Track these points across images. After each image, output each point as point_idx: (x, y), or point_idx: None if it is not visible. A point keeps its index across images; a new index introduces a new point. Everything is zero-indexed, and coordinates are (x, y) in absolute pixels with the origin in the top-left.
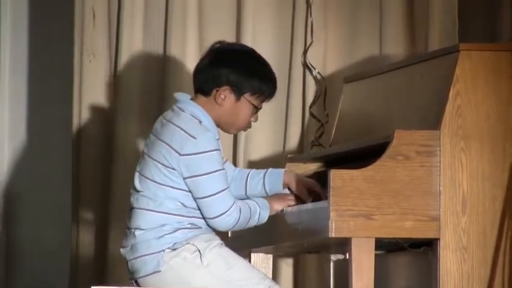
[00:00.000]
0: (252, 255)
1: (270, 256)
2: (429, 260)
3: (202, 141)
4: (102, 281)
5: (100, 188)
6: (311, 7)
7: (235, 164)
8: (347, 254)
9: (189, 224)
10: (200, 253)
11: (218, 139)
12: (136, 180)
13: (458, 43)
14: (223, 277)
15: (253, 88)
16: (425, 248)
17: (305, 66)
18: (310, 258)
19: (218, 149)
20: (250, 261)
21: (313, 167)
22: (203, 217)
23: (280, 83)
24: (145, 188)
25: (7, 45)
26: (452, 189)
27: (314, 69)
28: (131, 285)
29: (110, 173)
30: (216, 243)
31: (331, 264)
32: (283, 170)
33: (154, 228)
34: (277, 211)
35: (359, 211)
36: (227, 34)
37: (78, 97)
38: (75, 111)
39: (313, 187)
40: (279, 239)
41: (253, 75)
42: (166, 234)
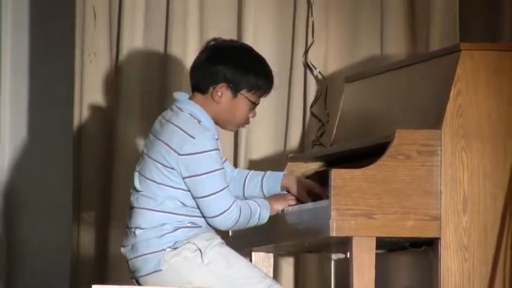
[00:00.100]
0: (253, 254)
1: (271, 255)
2: (430, 259)
3: (201, 140)
4: (103, 280)
5: (101, 188)
6: (312, 7)
7: (235, 164)
8: (348, 253)
9: (190, 223)
10: (201, 252)
11: (217, 139)
12: (136, 180)
13: (459, 43)
14: (224, 276)
15: (249, 84)
16: (426, 247)
17: (306, 66)
18: (311, 257)
19: (217, 149)
20: (251, 260)
21: (314, 167)
22: (203, 216)
23: (281, 83)
24: (145, 188)
25: (8, 45)
26: (453, 188)
27: (315, 68)
28: (132, 284)
29: (111, 173)
30: (217, 242)
31: (332, 263)
32: (281, 174)
33: (154, 227)
34: (277, 211)
35: (360, 210)
36: (228, 33)
37: (79, 97)
38: (76, 110)
39: (313, 188)
40: (280, 238)
41: (249, 71)
42: (167, 233)
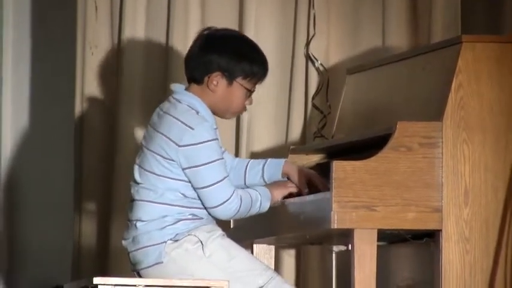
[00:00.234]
0: (254, 246)
1: (272, 247)
2: (431, 252)
3: (200, 131)
4: (104, 273)
5: (102, 180)
6: None
7: (237, 156)
8: (349, 245)
9: (190, 215)
10: (202, 244)
11: (216, 128)
12: (136, 172)
13: (460, 35)
14: (225, 268)
15: (244, 71)
16: (427, 240)
17: (307, 57)
18: (312, 249)
19: (216, 139)
20: (252, 252)
21: (315, 159)
22: (204, 207)
23: (282, 75)
24: (145, 180)
25: (10, 38)
26: (454, 180)
27: (316, 60)
28: (133, 276)
29: (112, 165)
30: (218, 234)
31: (333, 255)
32: (283, 160)
33: (155, 219)
34: (278, 199)
35: (361, 202)
36: (229, 26)
37: (80, 90)
38: (77, 103)
39: (313, 178)
40: (281, 230)
41: (243, 58)
42: (168, 225)
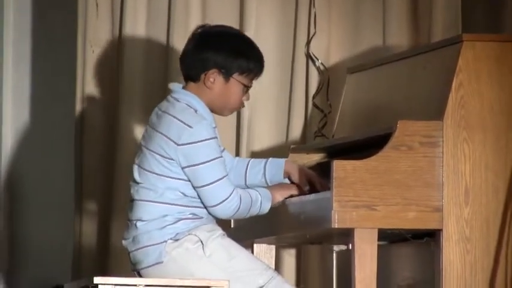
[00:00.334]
0: (255, 245)
1: (273, 247)
2: (432, 251)
3: (198, 130)
4: (105, 272)
5: (103, 180)
6: None
7: (237, 155)
8: (350, 245)
9: (191, 214)
10: (202, 244)
11: (215, 127)
12: (135, 172)
13: (461, 34)
14: (225, 268)
15: (241, 67)
16: (428, 239)
17: (308, 57)
18: (313, 248)
19: (215, 137)
20: (252, 251)
21: (316, 158)
22: (204, 206)
23: (283, 74)
24: (145, 180)
25: (10, 37)
26: (455, 180)
27: (317, 59)
28: (134, 276)
29: (113, 164)
30: (219, 233)
31: (333, 254)
32: (284, 160)
33: (156, 219)
34: (279, 202)
35: (362, 202)
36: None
37: (81, 89)
38: (78, 102)
39: (312, 179)
40: (282, 230)
41: (239, 54)
42: (168, 225)
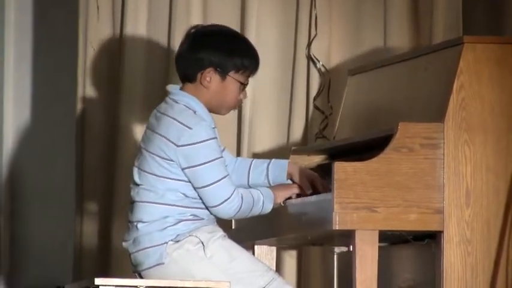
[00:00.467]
0: (256, 247)
1: (274, 248)
2: (433, 253)
3: (198, 131)
4: (106, 273)
5: (104, 180)
6: None
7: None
8: (351, 246)
9: (191, 216)
10: (203, 245)
11: (214, 127)
12: (135, 174)
13: (462, 35)
14: (226, 269)
15: (236, 65)
16: (429, 241)
17: (309, 58)
18: (314, 250)
19: (215, 137)
20: (253, 253)
21: (317, 159)
22: (205, 206)
23: (284, 76)
24: (145, 182)
25: (11, 37)
26: (456, 181)
27: (318, 61)
28: (135, 277)
29: (114, 165)
30: (219, 235)
31: (334, 256)
32: (287, 161)
33: (156, 220)
34: (280, 202)
35: (363, 203)
36: (231, 25)
37: (82, 88)
38: (78, 101)
39: (314, 181)
40: (283, 231)
41: (234, 52)
42: (169, 226)
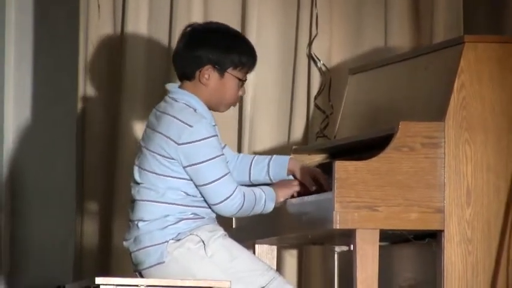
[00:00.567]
0: (256, 246)
1: (274, 247)
2: (433, 252)
3: (198, 128)
4: (106, 272)
5: (104, 179)
6: None
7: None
8: (351, 246)
9: (192, 214)
10: (204, 244)
11: (215, 125)
12: (136, 173)
13: (463, 35)
14: (227, 268)
15: (234, 62)
16: (429, 240)
17: (310, 57)
18: (314, 249)
19: (215, 135)
20: (254, 252)
21: (318, 159)
22: (207, 205)
23: (284, 75)
24: (145, 180)
25: (12, 36)
26: (456, 181)
27: (319, 60)
28: (135, 276)
29: (114, 164)
30: (220, 234)
31: (335, 255)
32: (288, 157)
33: (157, 219)
34: (281, 201)
35: (363, 203)
36: (232, 25)
37: (82, 86)
38: (79, 100)
39: (317, 176)
40: (283, 230)
41: (231, 49)
42: (169, 225)
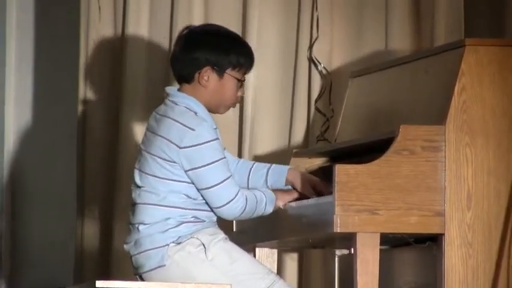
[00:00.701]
0: (257, 249)
1: (275, 251)
2: (434, 255)
3: (200, 132)
4: (107, 276)
5: (105, 182)
6: (317, 1)
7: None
8: (352, 249)
9: (193, 218)
10: (204, 247)
11: (216, 128)
12: (136, 177)
13: (463, 38)
14: (227, 271)
15: (232, 63)
16: (430, 243)
17: (310, 60)
18: (315, 253)
19: (217, 138)
20: (255, 255)
21: (318, 162)
22: (209, 208)
23: (285, 78)
24: (146, 184)
25: (13, 37)
26: (457, 184)
27: (319, 63)
28: (136, 280)
29: (115, 167)
30: (221, 237)
31: (336, 259)
32: (287, 168)
33: (158, 222)
34: (279, 206)
35: (364, 206)
36: (232, 28)
37: (83, 89)
38: (79, 103)
39: (316, 185)
40: (284, 234)
41: (229, 50)
42: (170, 228)
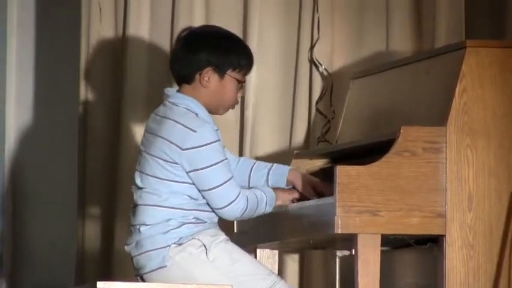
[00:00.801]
0: (258, 251)
1: (276, 252)
2: (435, 257)
3: (202, 133)
4: (108, 277)
5: (106, 183)
6: (317, 3)
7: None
8: (353, 250)
9: (194, 219)
10: (206, 248)
11: (217, 129)
12: (137, 178)
13: (464, 39)
14: (228, 272)
15: (232, 64)
16: (431, 245)
17: (311, 62)
18: (316, 254)
19: (218, 140)
20: (256, 256)
21: (319, 163)
22: (210, 209)
23: (286, 79)
24: (147, 185)
25: (14, 37)
26: (458, 185)
27: (320, 65)
28: (137, 281)
29: (116, 167)
30: (222, 238)
31: (337, 260)
32: (288, 168)
33: (159, 223)
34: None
35: (365, 207)
36: (233, 29)
37: (84, 90)
38: (81, 104)
39: (316, 186)
40: (285, 235)
41: (229, 51)
42: (171, 229)
